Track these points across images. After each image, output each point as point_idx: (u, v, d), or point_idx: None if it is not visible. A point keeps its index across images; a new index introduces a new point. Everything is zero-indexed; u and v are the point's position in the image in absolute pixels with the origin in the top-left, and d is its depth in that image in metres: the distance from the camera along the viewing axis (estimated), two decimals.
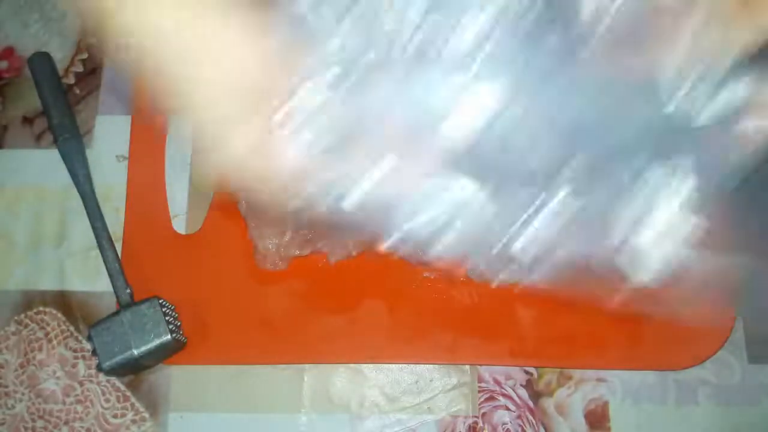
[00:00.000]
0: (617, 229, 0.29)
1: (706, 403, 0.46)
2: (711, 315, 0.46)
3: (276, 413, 0.47)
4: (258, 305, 0.47)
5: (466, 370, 0.47)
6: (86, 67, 0.55)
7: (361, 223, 0.29)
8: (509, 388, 0.47)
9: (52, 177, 0.52)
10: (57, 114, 0.50)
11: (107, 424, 0.47)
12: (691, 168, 0.29)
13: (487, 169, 0.28)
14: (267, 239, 0.46)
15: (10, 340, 0.48)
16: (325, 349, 0.47)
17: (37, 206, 0.51)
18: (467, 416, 0.46)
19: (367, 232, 0.30)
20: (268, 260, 0.46)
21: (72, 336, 0.48)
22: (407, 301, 0.47)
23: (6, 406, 0.47)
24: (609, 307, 0.35)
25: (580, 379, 0.47)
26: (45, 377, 0.48)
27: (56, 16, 0.56)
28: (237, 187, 0.38)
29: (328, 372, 0.47)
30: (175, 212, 0.50)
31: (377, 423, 0.46)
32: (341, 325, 0.47)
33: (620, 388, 0.46)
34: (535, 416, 0.46)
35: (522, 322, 0.46)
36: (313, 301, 0.47)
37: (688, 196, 0.29)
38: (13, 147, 0.53)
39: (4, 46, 0.55)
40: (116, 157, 0.52)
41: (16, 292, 0.49)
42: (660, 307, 0.36)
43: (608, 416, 0.46)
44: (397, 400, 0.47)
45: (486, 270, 0.33)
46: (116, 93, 0.54)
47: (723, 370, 0.47)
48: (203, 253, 0.49)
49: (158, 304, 0.44)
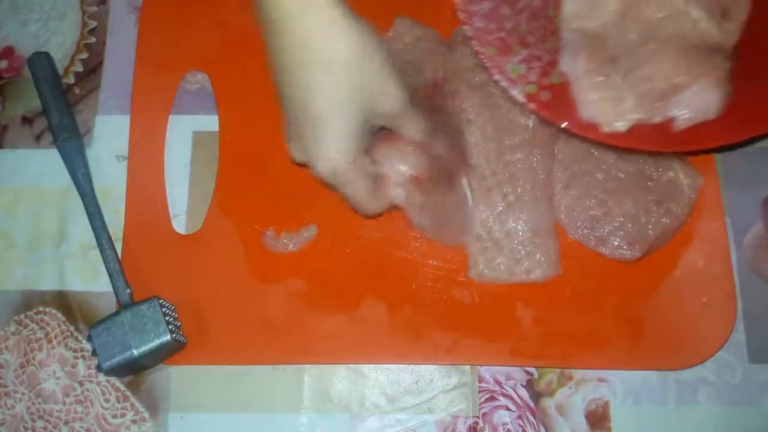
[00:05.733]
0: None
1: (707, 403, 0.46)
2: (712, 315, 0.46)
3: (276, 413, 0.46)
4: (258, 305, 0.47)
5: (467, 370, 0.47)
6: (86, 67, 0.55)
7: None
8: (510, 388, 0.47)
9: (52, 177, 0.52)
10: (57, 114, 0.50)
11: (107, 424, 0.47)
12: None
13: None
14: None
15: (10, 340, 0.48)
16: (325, 349, 0.47)
17: (37, 206, 0.51)
18: (467, 416, 0.46)
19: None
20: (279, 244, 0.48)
21: (72, 336, 0.48)
22: (407, 301, 0.47)
23: (6, 406, 0.47)
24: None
25: (581, 380, 0.47)
26: (45, 377, 0.48)
27: (56, 16, 0.56)
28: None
29: (328, 372, 0.47)
30: (175, 212, 0.50)
31: (377, 423, 0.46)
32: (341, 325, 0.47)
33: (621, 388, 0.46)
34: (536, 416, 0.46)
35: (522, 322, 0.46)
36: (313, 301, 0.47)
37: None
38: (13, 147, 0.53)
39: (4, 46, 0.55)
40: (116, 157, 0.52)
41: (16, 292, 0.49)
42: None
43: (609, 416, 0.46)
44: (397, 400, 0.47)
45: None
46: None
47: (724, 370, 0.46)
48: (203, 253, 0.49)
49: (158, 304, 0.44)
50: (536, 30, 0.46)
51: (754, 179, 0.50)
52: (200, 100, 0.53)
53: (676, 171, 0.47)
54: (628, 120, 0.42)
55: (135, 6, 0.56)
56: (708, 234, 0.48)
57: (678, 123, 0.41)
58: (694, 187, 0.47)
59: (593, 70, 0.44)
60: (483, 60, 0.43)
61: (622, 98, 0.42)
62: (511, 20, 0.45)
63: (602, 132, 0.42)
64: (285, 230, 0.48)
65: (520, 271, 0.46)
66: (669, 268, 0.47)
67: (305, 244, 0.48)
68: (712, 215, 0.48)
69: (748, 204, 0.50)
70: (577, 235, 0.47)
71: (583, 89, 0.43)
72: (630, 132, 0.42)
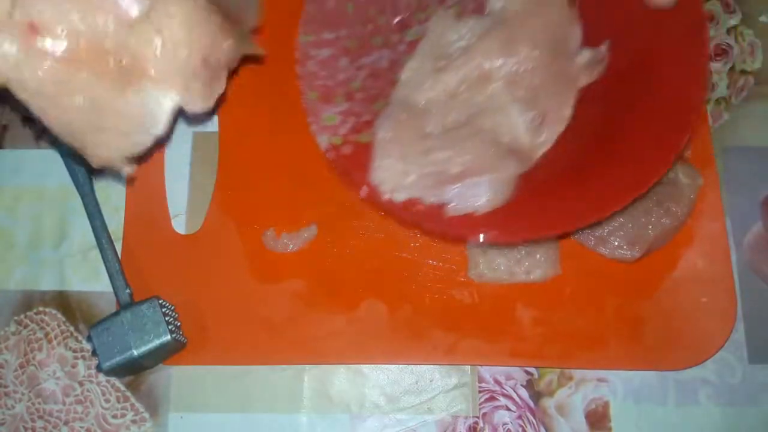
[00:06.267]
0: None
1: (707, 403, 0.46)
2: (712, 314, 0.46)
3: (276, 413, 0.46)
4: (258, 305, 0.47)
5: (467, 370, 0.47)
6: None
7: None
8: (510, 389, 0.47)
9: (52, 177, 0.52)
10: None
11: (107, 425, 0.47)
12: None
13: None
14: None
15: (10, 340, 0.48)
16: (325, 349, 0.47)
17: (37, 206, 0.51)
18: (467, 416, 0.46)
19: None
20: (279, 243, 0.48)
21: (72, 336, 0.48)
22: (407, 301, 0.47)
23: (6, 406, 0.47)
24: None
25: (581, 380, 0.47)
26: (45, 377, 0.48)
27: None
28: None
29: (328, 372, 0.47)
30: (175, 212, 0.50)
31: (377, 423, 0.46)
32: (341, 325, 0.47)
33: (621, 388, 0.46)
34: (536, 416, 0.46)
35: (522, 322, 0.46)
36: (313, 301, 0.47)
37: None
38: (13, 147, 0.53)
39: None
40: None
41: (16, 292, 0.49)
42: None
43: (609, 416, 0.46)
44: (397, 400, 0.47)
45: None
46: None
47: (724, 370, 0.46)
48: (203, 253, 0.49)
49: (158, 304, 0.44)
50: (371, 88, 0.47)
51: (754, 179, 0.50)
52: None
53: (676, 171, 0.47)
54: (405, 194, 0.42)
55: None
56: (708, 234, 0.48)
57: (448, 209, 0.42)
58: (694, 188, 0.47)
59: (396, 139, 0.44)
60: (303, 101, 0.45)
61: (407, 173, 0.43)
62: (346, 73, 0.46)
63: (382, 198, 0.42)
64: (285, 230, 0.48)
65: (520, 271, 0.46)
66: (669, 268, 0.47)
67: (305, 244, 0.48)
68: (712, 215, 0.48)
69: (748, 204, 0.50)
70: (577, 235, 0.47)
71: (379, 154, 0.44)
72: (405, 205, 0.42)
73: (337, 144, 0.44)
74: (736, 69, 0.53)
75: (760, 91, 0.52)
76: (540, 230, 0.41)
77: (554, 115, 0.45)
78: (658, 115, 0.41)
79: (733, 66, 0.53)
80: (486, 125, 0.45)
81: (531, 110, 0.45)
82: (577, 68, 0.46)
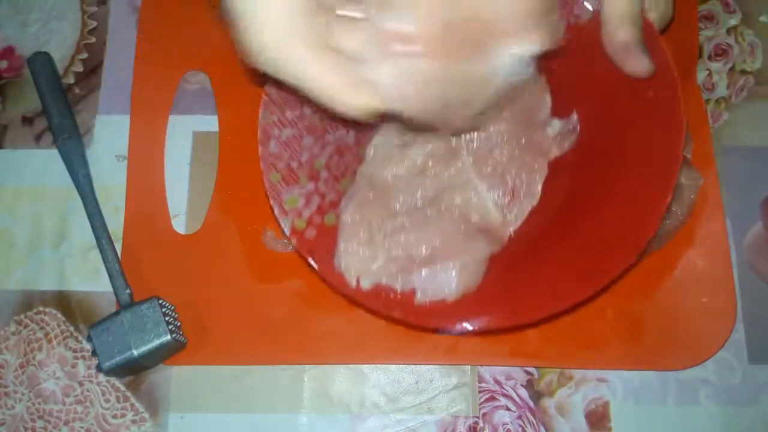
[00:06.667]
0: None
1: (707, 403, 0.46)
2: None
3: (276, 413, 0.46)
4: (258, 305, 0.47)
5: (467, 370, 0.47)
6: (86, 67, 0.55)
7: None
8: (510, 388, 0.47)
9: (52, 177, 0.52)
10: (57, 114, 0.50)
11: (107, 425, 0.47)
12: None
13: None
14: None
15: (10, 340, 0.48)
16: (325, 349, 0.47)
17: (37, 206, 0.51)
18: (467, 416, 0.46)
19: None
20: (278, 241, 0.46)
21: (72, 336, 0.48)
22: None
23: (6, 406, 0.47)
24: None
25: (581, 379, 0.47)
26: (45, 377, 0.48)
27: (56, 16, 0.56)
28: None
29: (328, 372, 0.47)
30: (175, 212, 0.50)
31: (377, 423, 0.46)
32: (341, 325, 0.47)
33: (621, 388, 0.46)
34: (536, 416, 0.46)
35: None
36: (313, 301, 0.47)
37: None
38: (13, 147, 0.53)
39: (4, 46, 0.55)
40: (116, 157, 0.52)
41: (16, 292, 0.49)
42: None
43: (609, 416, 0.46)
44: (397, 400, 0.47)
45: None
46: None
47: (724, 370, 0.46)
48: (203, 253, 0.49)
49: (158, 304, 0.44)
50: (337, 166, 0.45)
51: (754, 179, 0.50)
52: (200, 100, 0.53)
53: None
54: (372, 279, 0.41)
55: (135, 6, 0.56)
56: (708, 234, 0.48)
57: (418, 296, 0.40)
58: (694, 188, 0.47)
59: (362, 221, 0.42)
60: (264, 182, 0.42)
61: (375, 257, 0.41)
62: (311, 151, 0.44)
63: (347, 285, 0.41)
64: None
65: None
66: (669, 268, 0.47)
67: None
68: (712, 216, 0.48)
69: (748, 204, 0.50)
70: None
71: (343, 238, 0.42)
72: (372, 292, 0.41)
73: (301, 228, 0.42)
74: (736, 69, 0.53)
75: (760, 91, 0.52)
76: (517, 318, 0.39)
77: (524, 191, 0.43)
78: (631, 190, 0.40)
79: (733, 66, 0.53)
80: (455, 201, 0.43)
81: (500, 186, 0.43)
82: (548, 140, 0.44)
